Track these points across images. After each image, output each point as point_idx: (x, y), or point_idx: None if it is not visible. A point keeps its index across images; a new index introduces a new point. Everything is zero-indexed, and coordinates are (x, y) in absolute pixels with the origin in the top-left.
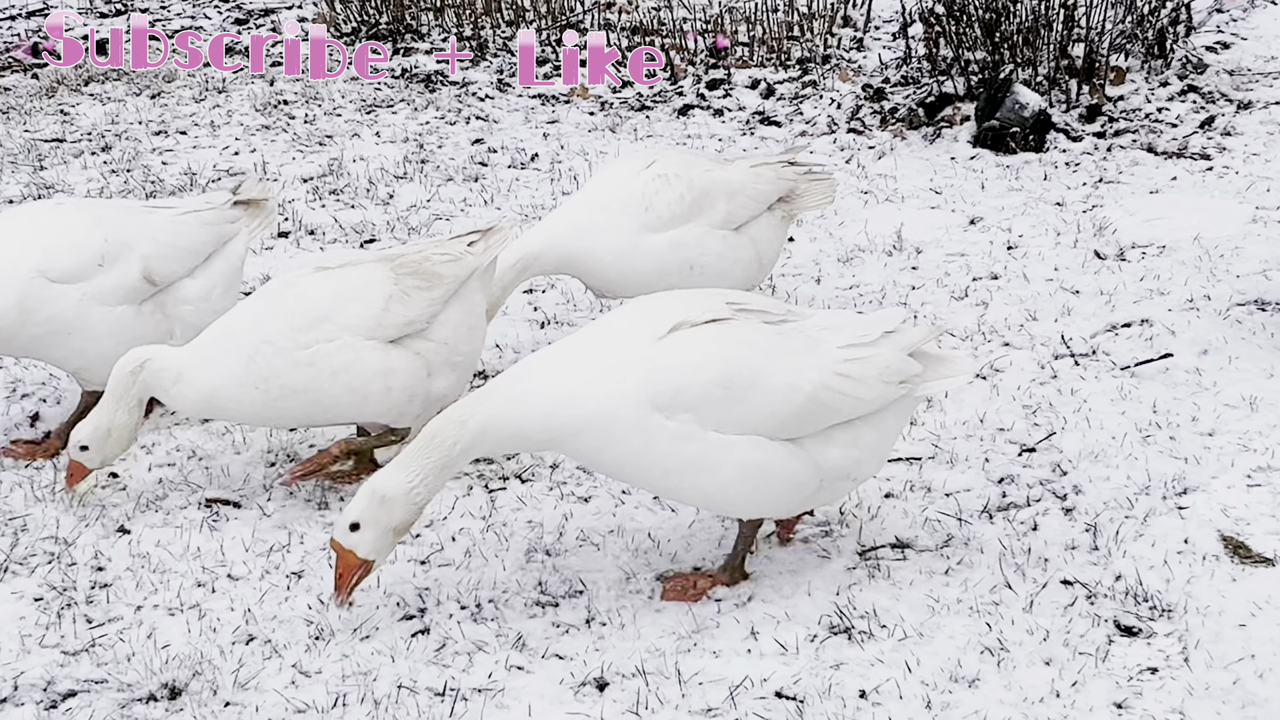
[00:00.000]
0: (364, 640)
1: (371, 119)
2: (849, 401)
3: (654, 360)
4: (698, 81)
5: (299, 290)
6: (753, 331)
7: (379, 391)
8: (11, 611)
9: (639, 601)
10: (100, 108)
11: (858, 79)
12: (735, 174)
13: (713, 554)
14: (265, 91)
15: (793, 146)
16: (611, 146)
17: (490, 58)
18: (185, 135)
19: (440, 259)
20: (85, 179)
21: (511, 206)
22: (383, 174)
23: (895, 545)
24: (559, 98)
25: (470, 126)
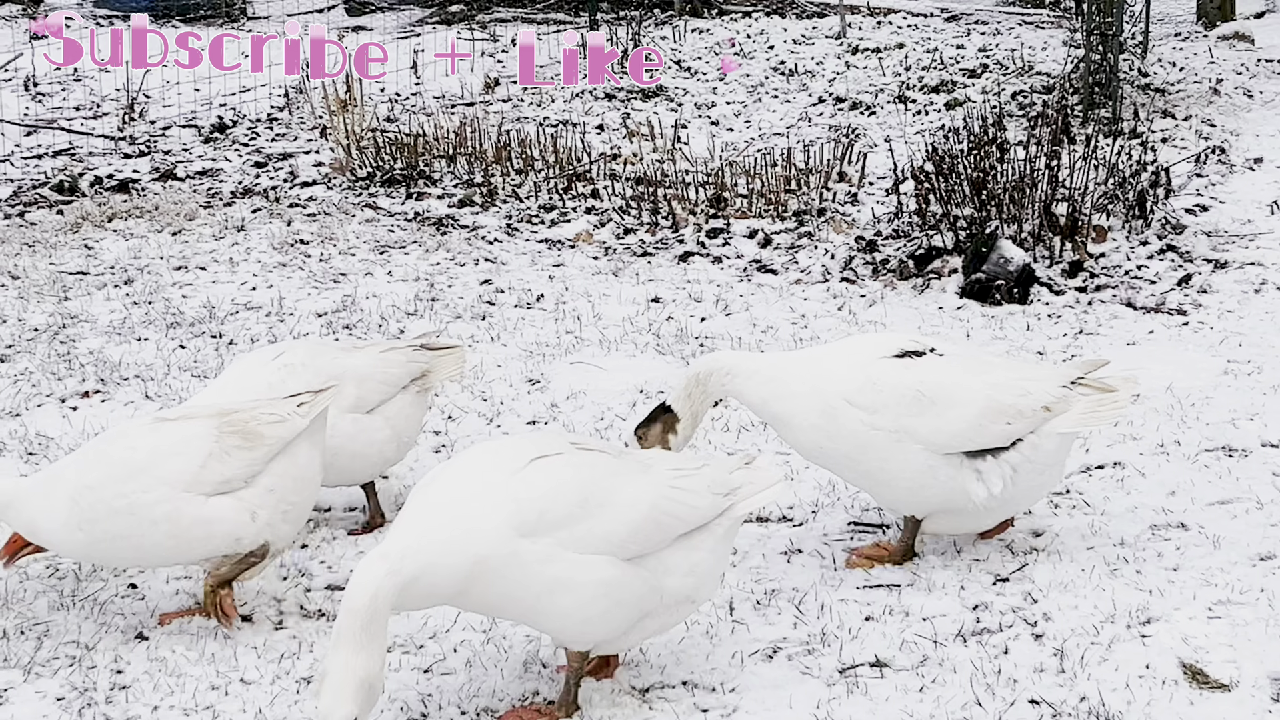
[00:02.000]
0: None
1: (384, 259)
2: (685, 509)
3: (517, 490)
4: (698, 230)
5: (125, 440)
6: (596, 458)
7: (201, 539)
8: (35, 710)
9: (629, 710)
10: (123, 243)
11: (851, 231)
12: (364, 360)
13: (702, 667)
14: (283, 231)
15: (426, 333)
16: (614, 289)
17: (500, 204)
18: (205, 270)
19: (267, 419)
20: (108, 310)
21: (517, 343)
22: (394, 310)
23: (874, 664)
24: (565, 242)
25: (479, 267)
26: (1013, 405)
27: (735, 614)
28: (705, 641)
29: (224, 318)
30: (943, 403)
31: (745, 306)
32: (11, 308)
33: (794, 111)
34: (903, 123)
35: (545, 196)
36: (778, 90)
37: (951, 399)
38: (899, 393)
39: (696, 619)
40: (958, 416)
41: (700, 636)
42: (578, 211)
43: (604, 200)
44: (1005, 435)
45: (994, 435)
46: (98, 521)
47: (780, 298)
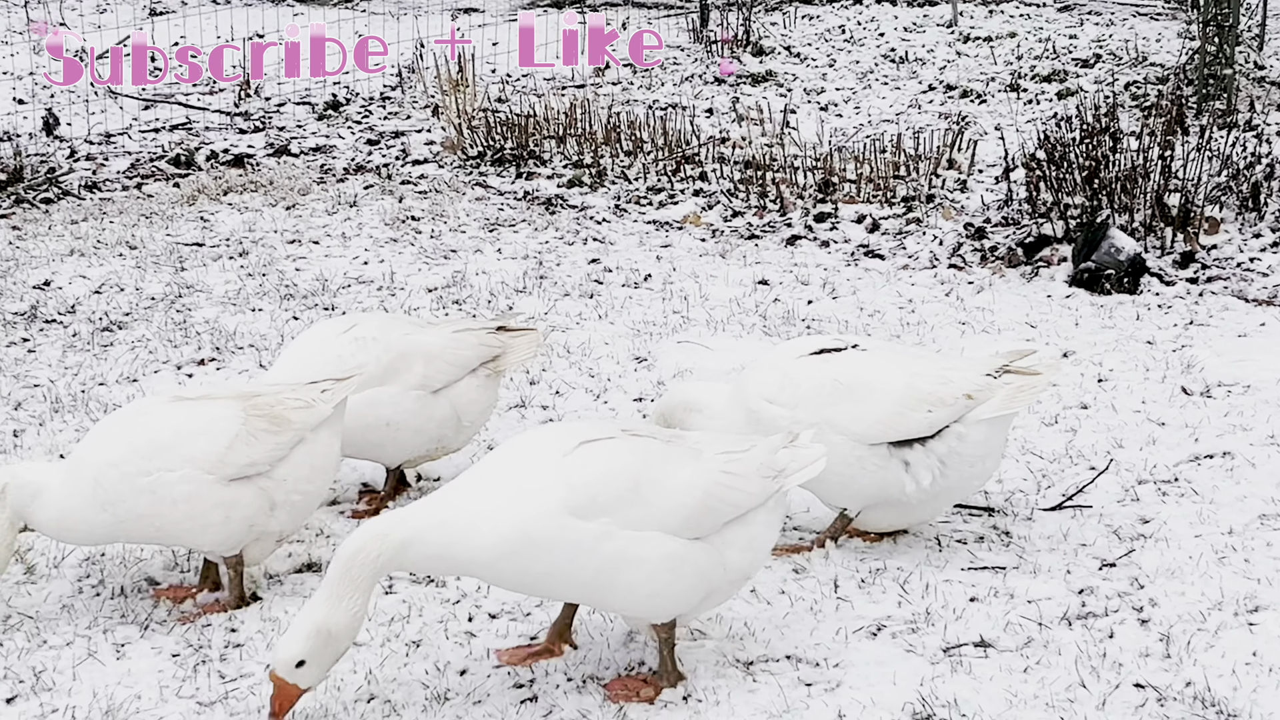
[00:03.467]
0: (476, 704)
1: (494, 236)
2: (737, 494)
3: (568, 473)
4: (806, 214)
5: (148, 419)
6: (647, 443)
7: (219, 522)
8: (151, 665)
9: (734, 682)
10: (238, 216)
11: (960, 218)
12: (435, 338)
13: (806, 642)
14: (395, 207)
15: (504, 312)
16: (721, 271)
17: (609, 185)
18: (318, 244)
19: (293, 405)
20: (223, 281)
21: (624, 322)
22: (503, 287)
23: (978, 644)
24: (672, 223)
25: (588, 247)
26: (933, 393)
27: (840, 591)
28: (810, 617)
29: (336, 291)
30: (860, 390)
31: (852, 290)
32: (129, 277)
33: (903, 98)
34: (1013, 111)
35: (654, 178)
36: (887, 77)
37: (870, 387)
38: (816, 384)
39: (800, 595)
40: (876, 404)
41: (805, 612)
42: (686, 193)
43: (712, 183)
44: (928, 424)
45: (915, 424)
46: (121, 501)
47: (887, 283)
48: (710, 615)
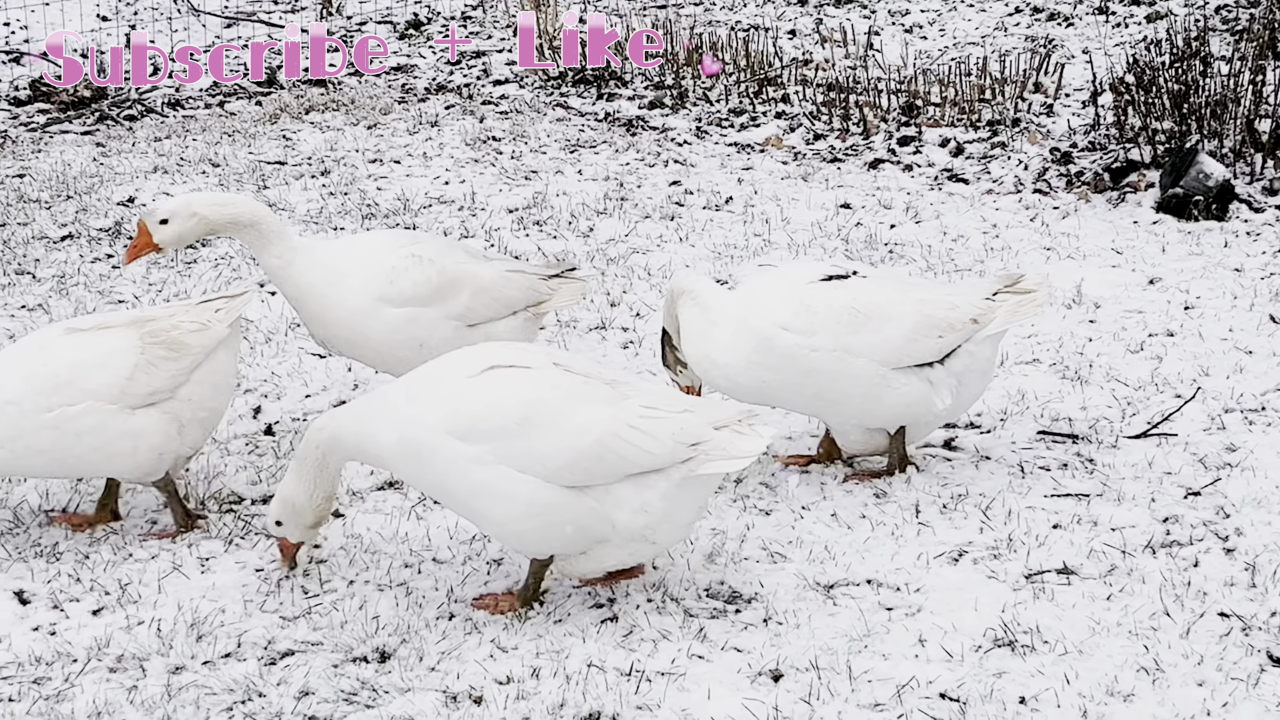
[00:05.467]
0: (557, 623)
1: (574, 157)
2: (635, 451)
3: (459, 395)
4: (889, 137)
5: (46, 354)
6: (557, 379)
7: (127, 451)
8: (235, 579)
9: (814, 605)
10: (320, 135)
11: (1045, 142)
12: (488, 272)
13: (886, 567)
14: (475, 128)
15: (556, 262)
16: (803, 194)
17: (690, 106)
18: (399, 164)
19: (190, 328)
20: (305, 199)
21: (705, 244)
22: (584, 208)
23: (1061, 571)
24: (754, 146)
25: (668, 169)
26: (944, 319)
27: (921, 516)
28: (891, 542)
29: (418, 210)
30: (878, 318)
31: (935, 215)
32: None
33: (989, 21)
34: (1101, 34)
35: (735, 100)
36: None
37: (886, 314)
38: (834, 312)
39: (881, 520)
40: (894, 331)
41: (886, 537)
42: (768, 116)
43: (794, 105)
44: (938, 349)
45: (928, 349)
46: (20, 437)
47: (971, 207)
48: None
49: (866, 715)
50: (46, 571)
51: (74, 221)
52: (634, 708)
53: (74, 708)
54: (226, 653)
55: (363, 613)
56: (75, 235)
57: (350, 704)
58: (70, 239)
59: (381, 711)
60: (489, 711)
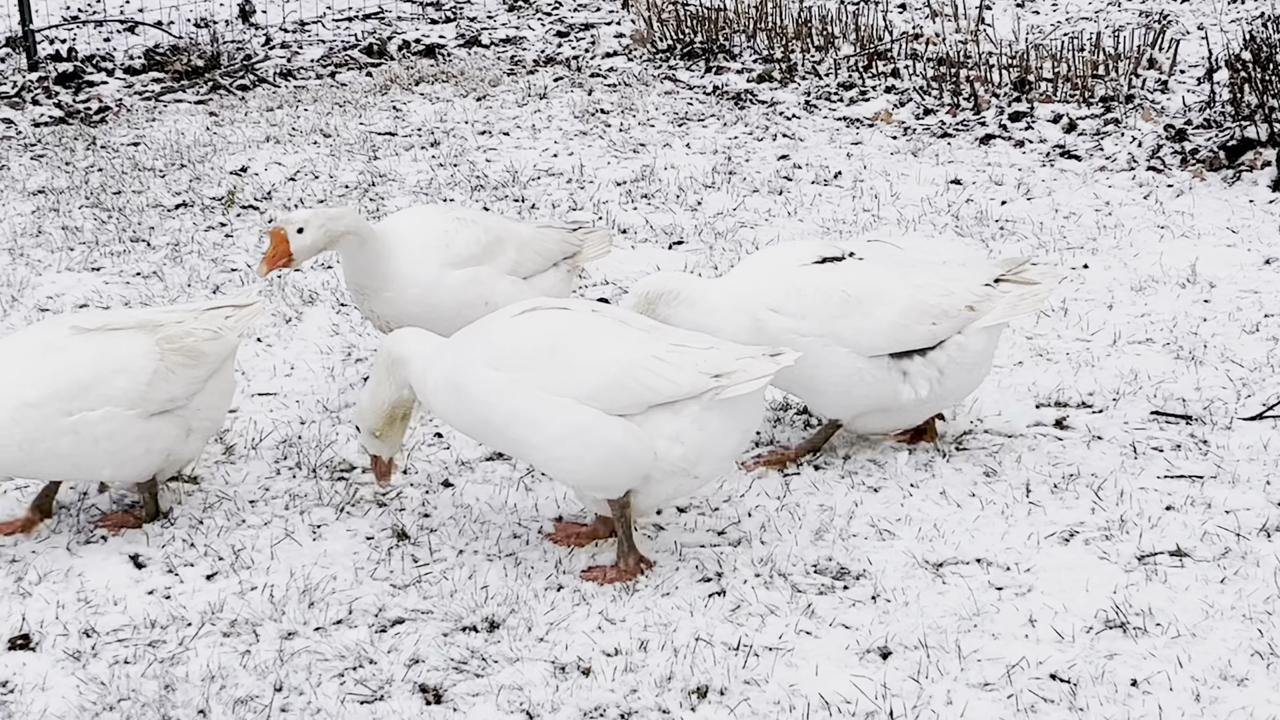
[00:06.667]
0: (665, 596)
1: (683, 131)
2: (660, 381)
3: (499, 329)
4: (1000, 113)
5: (63, 355)
6: (591, 318)
7: (139, 455)
8: (346, 547)
9: (923, 583)
10: (429, 106)
11: (1160, 119)
12: (526, 229)
13: (996, 546)
14: (584, 100)
15: (571, 220)
16: (913, 169)
17: (799, 80)
18: (508, 136)
19: (203, 336)
20: (415, 170)
21: (814, 219)
22: (692, 182)
23: (1174, 553)
24: (863, 120)
25: (777, 143)
26: (937, 305)
27: (1032, 496)
28: (1000, 521)
29: (526, 183)
30: (868, 302)
31: (1047, 191)
32: (324, 165)
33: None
34: (1217, 10)
35: (844, 74)
36: None
37: (877, 298)
38: (824, 295)
39: (991, 498)
40: (883, 316)
41: (995, 516)
42: (877, 90)
43: (904, 80)
44: (931, 336)
45: (919, 336)
46: (41, 440)
47: (1084, 184)
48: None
49: (976, 694)
50: (161, 536)
51: (188, 190)
52: (742, 682)
53: (189, 670)
54: (338, 619)
55: (472, 582)
56: (189, 204)
57: (460, 672)
58: (184, 207)
59: (491, 681)
60: (597, 683)
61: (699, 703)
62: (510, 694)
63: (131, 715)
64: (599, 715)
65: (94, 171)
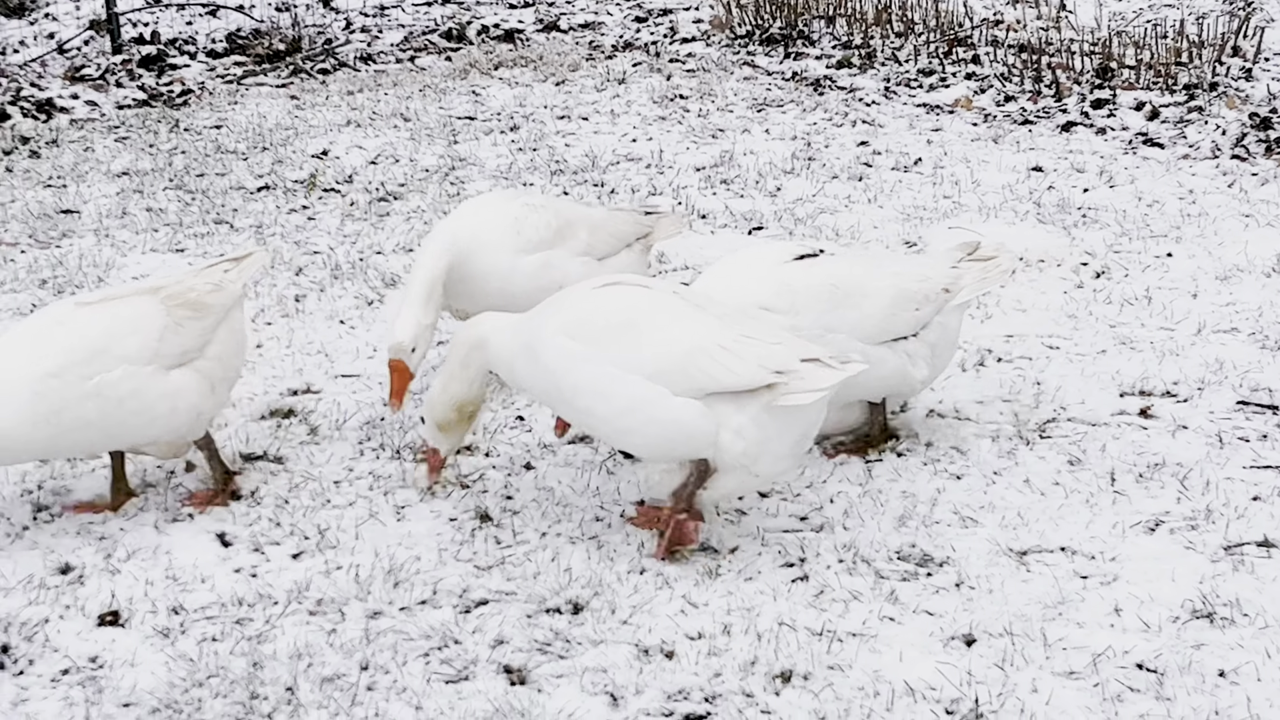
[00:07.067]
0: (748, 581)
1: (762, 117)
2: (720, 369)
3: (577, 301)
4: (1082, 100)
5: (70, 326)
6: (667, 298)
7: (166, 413)
8: (430, 528)
9: (1007, 571)
10: (509, 91)
11: (1244, 107)
12: (597, 212)
13: (1081, 535)
14: (663, 85)
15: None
16: (994, 156)
17: (878, 66)
18: (586, 121)
19: (205, 289)
20: (495, 154)
21: (894, 206)
22: (771, 168)
23: (1261, 544)
24: (943, 107)
25: (856, 129)
26: (918, 291)
27: (1116, 485)
28: (1085, 510)
29: (605, 167)
30: (857, 295)
31: (1130, 179)
32: (404, 148)
33: None
34: None
35: (924, 60)
36: None
37: (864, 291)
38: (814, 290)
39: (1075, 487)
40: (873, 307)
41: (1080, 505)
42: (957, 77)
43: (984, 66)
44: (916, 321)
45: (906, 322)
46: (66, 410)
47: (1167, 172)
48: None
49: (1061, 683)
50: (247, 515)
51: (270, 173)
52: (826, 667)
53: (276, 648)
54: (422, 599)
55: (555, 565)
56: (271, 186)
57: (544, 654)
58: (267, 190)
59: (575, 662)
60: (681, 666)
61: (783, 687)
62: (594, 676)
63: (220, 692)
64: (683, 698)
65: (177, 154)
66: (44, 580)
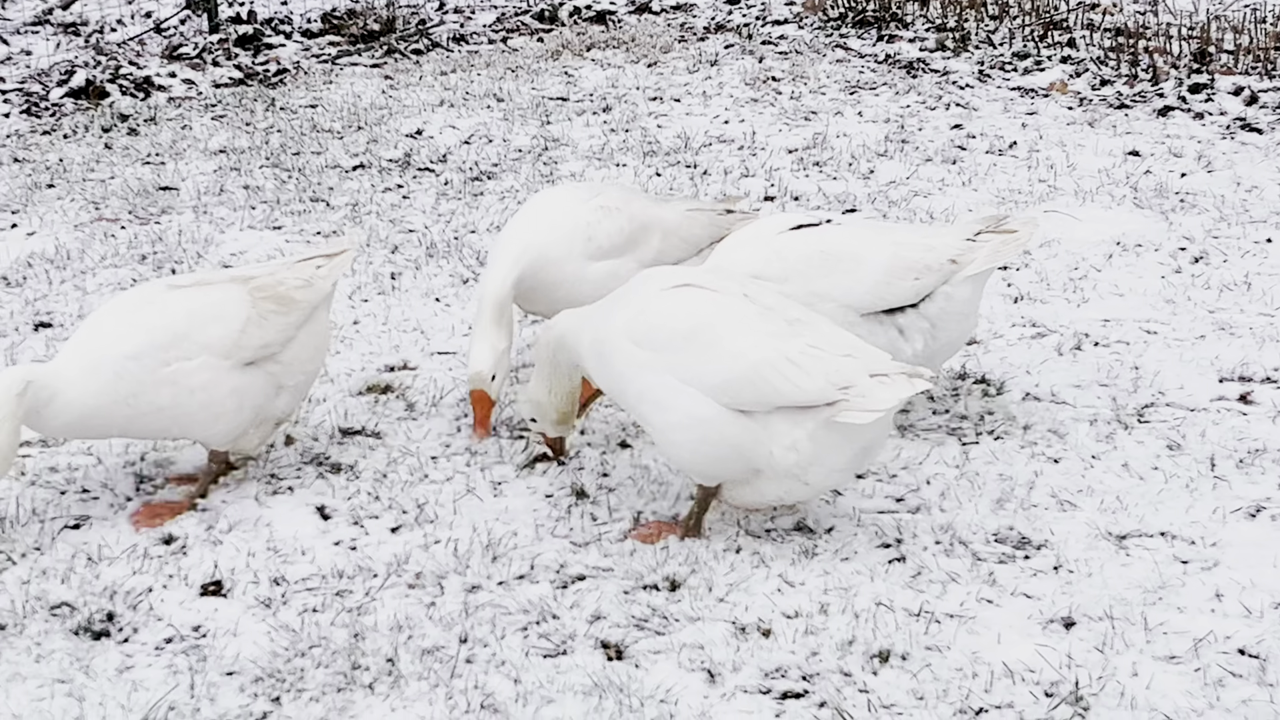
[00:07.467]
0: (844, 561)
1: (854, 99)
2: (786, 384)
3: (645, 305)
4: (1179, 84)
5: (158, 307)
6: (734, 305)
7: (232, 410)
8: (526, 504)
9: (1106, 554)
10: (601, 72)
11: None
12: (671, 214)
13: (1181, 520)
14: (755, 67)
15: (728, 195)
16: (1089, 140)
17: (972, 49)
18: (679, 102)
19: (295, 284)
20: (587, 135)
21: (988, 189)
22: (864, 150)
23: None
24: (1038, 91)
25: (949, 112)
26: (919, 260)
27: (1217, 470)
28: (1185, 494)
29: (698, 149)
30: (848, 260)
31: (1228, 164)
32: (497, 129)
33: None
34: None
35: (1019, 44)
36: None
37: (857, 257)
38: (804, 257)
39: (1175, 472)
40: (865, 274)
41: (1180, 489)
42: (1052, 60)
43: (1080, 50)
44: (915, 291)
45: (903, 292)
46: (142, 393)
47: (1266, 158)
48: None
49: (1162, 667)
50: (346, 489)
51: (365, 152)
52: (924, 648)
53: (376, 620)
54: (520, 574)
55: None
56: (366, 165)
57: (641, 629)
58: (362, 168)
59: (673, 639)
60: (777, 644)
61: (881, 667)
62: (691, 652)
63: (322, 662)
64: (780, 676)
65: (273, 132)
66: (147, 550)
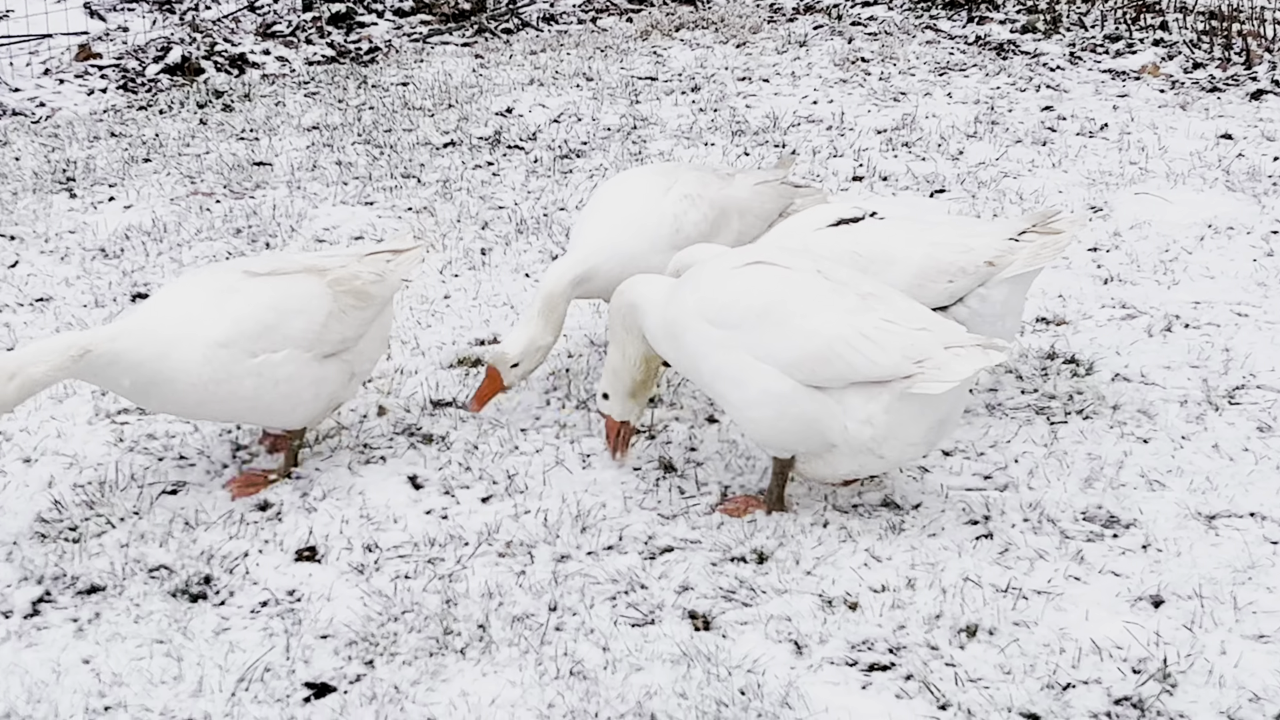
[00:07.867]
0: (931, 537)
1: (944, 80)
2: (861, 359)
3: (718, 283)
4: (1272, 68)
5: (245, 298)
6: (807, 282)
7: (310, 400)
8: (614, 476)
9: (1195, 534)
10: (689, 52)
11: None
12: (742, 192)
13: (1271, 501)
14: (844, 48)
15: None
16: (1181, 123)
17: (1063, 31)
18: (767, 83)
19: (370, 279)
20: (675, 115)
21: (1079, 171)
22: (953, 131)
23: None
24: (1129, 73)
25: (1040, 94)
26: (954, 262)
27: None
28: (1276, 476)
29: (786, 129)
30: (880, 261)
31: None
32: (586, 108)
33: None
34: None
35: (1111, 26)
36: None
37: (889, 257)
38: (836, 256)
39: (1266, 453)
40: (896, 276)
41: (1271, 470)
42: (1144, 43)
43: (1173, 33)
44: (949, 293)
45: (935, 294)
46: (228, 381)
47: None
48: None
49: (1251, 646)
50: (438, 459)
51: (456, 129)
52: (1011, 624)
53: (468, 587)
54: (609, 545)
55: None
56: (457, 143)
57: (729, 601)
58: (452, 146)
59: (760, 610)
60: (864, 617)
61: (968, 641)
62: (779, 624)
63: (415, 627)
64: (867, 648)
65: (365, 109)
66: (244, 516)
